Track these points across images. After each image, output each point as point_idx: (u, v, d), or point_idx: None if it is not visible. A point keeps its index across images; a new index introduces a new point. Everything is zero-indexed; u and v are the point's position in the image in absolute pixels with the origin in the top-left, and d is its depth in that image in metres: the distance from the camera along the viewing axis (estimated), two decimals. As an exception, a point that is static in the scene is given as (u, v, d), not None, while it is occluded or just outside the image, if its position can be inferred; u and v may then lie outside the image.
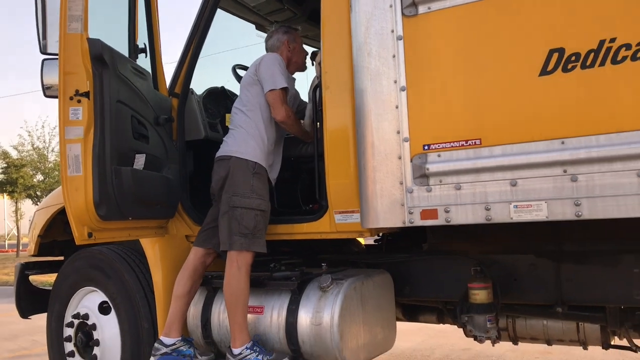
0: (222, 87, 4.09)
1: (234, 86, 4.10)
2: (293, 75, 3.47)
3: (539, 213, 2.27)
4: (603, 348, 3.15)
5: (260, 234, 3.03)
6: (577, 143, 2.20)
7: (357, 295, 2.95)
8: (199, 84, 3.81)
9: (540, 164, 2.26)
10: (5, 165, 23.68)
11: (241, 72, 3.85)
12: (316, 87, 3.20)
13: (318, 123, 3.21)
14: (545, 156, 2.25)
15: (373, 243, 4.12)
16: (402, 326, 3.38)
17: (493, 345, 3.17)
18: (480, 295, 2.91)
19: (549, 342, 3.27)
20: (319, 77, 3.15)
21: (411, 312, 3.70)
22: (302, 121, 3.41)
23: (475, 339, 3.01)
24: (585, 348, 3.21)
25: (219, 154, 3.12)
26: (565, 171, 2.22)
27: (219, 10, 3.73)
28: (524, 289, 3.03)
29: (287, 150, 3.48)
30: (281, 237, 3.22)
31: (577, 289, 2.91)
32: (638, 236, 2.68)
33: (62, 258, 4.21)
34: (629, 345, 3.09)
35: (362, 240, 4.15)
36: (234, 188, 2.99)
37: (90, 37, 2.67)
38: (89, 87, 2.60)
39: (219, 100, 3.99)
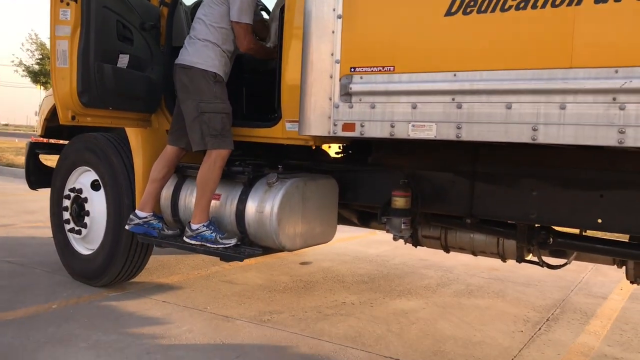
0: None
1: None
2: None
3: (430, 132, 2.73)
4: (517, 261, 3.63)
5: (228, 133, 3.53)
6: (465, 76, 2.62)
7: (298, 193, 3.49)
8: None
9: (436, 92, 2.70)
10: (40, 56, 24.38)
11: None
12: (282, 7, 3.59)
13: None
14: (440, 85, 2.68)
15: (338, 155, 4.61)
16: (376, 237, 3.89)
17: (405, 244, 3.70)
18: (399, 202, 3.41)
19: (474, 253, 3.78)
20: None
21: (364, 218, 4.24)
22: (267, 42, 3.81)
23: (394, 238, 3.55)
24: (503, 260, 3.72)
25: (180, 60, 3.51)
26: (453, 99, 2.65)
27: None
28: (442, 201, 3.51)
29: (258, 64, 3.93)
30: (242, 139, 3.73)
31: (484, 205, 3.38)
32: (537, 163, 3.13)
33: (67, 141, 4.81)
34: (538, 261, 3.57)
35: (330, 152, 4.63)
36: (200, 96, 3.44)
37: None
38: (77, -8, 3.06)
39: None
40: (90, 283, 4.24)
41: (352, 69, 2.94)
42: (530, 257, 3.60)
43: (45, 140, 5.00)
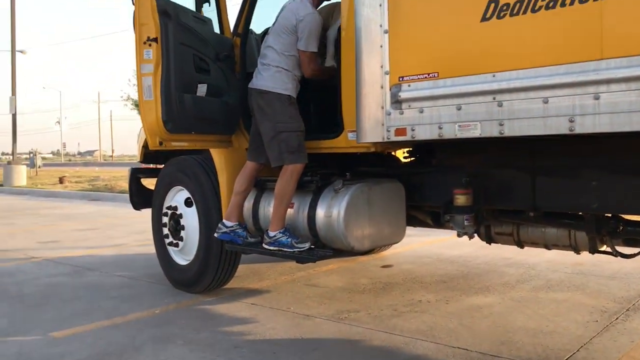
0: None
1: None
2: None
3: (475, 131, 2.90)
4: (590, 252, 3.67)
5: (303, 149, 3.90)
6: (503, 76, 2.77)
7: (363, 196, 3.75)
8: (259, 25, 4.62)
9: (477, 93, 2.87)
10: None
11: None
12: (339, 29, 3.89)
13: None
14: (481, 86, 2.85)
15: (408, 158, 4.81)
16: (460, 239, 4.07)
17: (470, 239, 3.83)
18: (460, 199, 3.57)
19: (547, 247, 3.85)
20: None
21: (438, 219, 4.41)
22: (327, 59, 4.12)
23: (458, 235, 3.71)
24: (577, 253, 3.75)
25: (256, 85, 3.89)
26: (494, 98, 2.81)
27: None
28: (504, 197, 3.63)
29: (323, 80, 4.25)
30: (311, 151, 4.04)
31: (546, 198, 3.47)
32: (594, 153, 3.20)
33: (162, 166, 5.36)
34: (611, 250, 3.59)
35: (400, 156, 4.84)
36: (276, 117, 3.81)
37: (157, -4, 3.57)
38: (157, 34, 3.53)
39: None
40: (189, 290, 4.70)
41: (401, 78, 3.17)
42: (604, 247, 3.62)
43: (144, 165, 5.59)
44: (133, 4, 3.78)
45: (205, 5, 4.25)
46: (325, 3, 4.21)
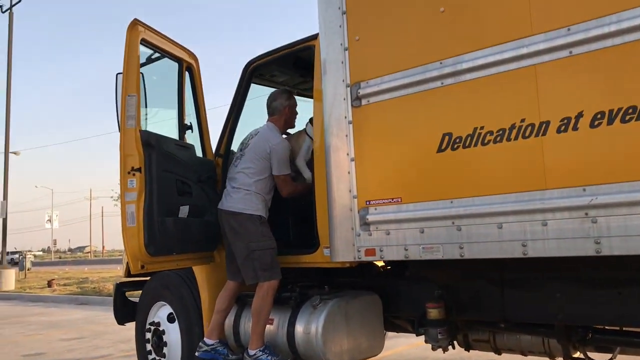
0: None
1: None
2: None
3: (438, 253, 3.09)
4: (564, 359, 3.76)
5: (276, 265, 4.04)
6: (460, 203, 3.00)
7: (340, 312, 3.86)
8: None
9: (438, 217, 3.08)
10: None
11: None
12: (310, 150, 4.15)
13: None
14: (440, 211, 3.06)
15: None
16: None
17: (444, 352, 3.91)
18: (433, 312, 3.69)
19: (523, 353, 3.94)
20: (308, 134, 4.31)
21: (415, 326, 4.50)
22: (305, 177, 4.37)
23: (432, 348, 3.80)
24: (552, 359, 3.84)
25: (227, 207, 4.11)
26: (453, 223, 3.02)
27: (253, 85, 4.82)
28: (476, 309, 3.76)
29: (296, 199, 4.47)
30: (290, 266, 4.19)
31: (515, 309, 3.60)
32: (556, 266, 3.36)
33: (148, 278, 5.46)
34: (584, 357, 3.68)
35: (379, 264, 4.98)
36: (249, 237, 3.99)
37: (141, 129, 3.84)
38: (141, 164, 3.76)
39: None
40: (172, 408, 4.67)
41: (367, 202, 3.38)
42: (577, 354, 3.71)
43: (129, 279, 5.68)
44: (120, 131, 4.04)
45: (189, 131, 4.52)
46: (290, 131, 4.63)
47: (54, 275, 23.50)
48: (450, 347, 3.94)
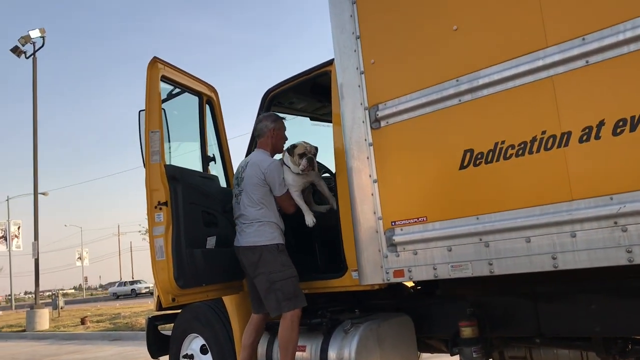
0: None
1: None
2: None
3: (467, 271, 3.06)
4: (606, 373, 3.67)
5: (299, 292, 3.97)
6: (486, 219, 2.98)
7: (372, 335, 3.83)
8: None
9: (464, 234, 3.06)
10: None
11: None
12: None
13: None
14: (467, 229, 3.05)
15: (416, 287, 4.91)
16: None
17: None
18: (466, 331, 3.64)
19: (561, 369, 3.86)
20: (286, 164, 4.12)
21: (450, 346, 4.44)
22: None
23: (468, 366, 3.74)
24: (592, 373, 3.76)
25: (243, 243, 4.03)
26: (480, 239, 3.00)
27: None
28: (510, 325, 3.70)
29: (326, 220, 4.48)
30: (319, 291, 4.19)
31: (550, 323, 3.54)
32: (591, 277, 3.31)
33: (179, 310, 5.49)
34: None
35: (409, 285, 4.95)
36: (269, 268, 3.92)
37: (166, 164, 3.91)
38: (167, 198, 3.82)
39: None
40: None
41: (393, 223, 3.38)
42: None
43: (161, 312, 5.72)
44: (145, 167, 4.12)
45: (212, 163, 4.59)
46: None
47: (86, 312, 23.72)
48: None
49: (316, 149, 4.14)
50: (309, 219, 4.06)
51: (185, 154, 4.45)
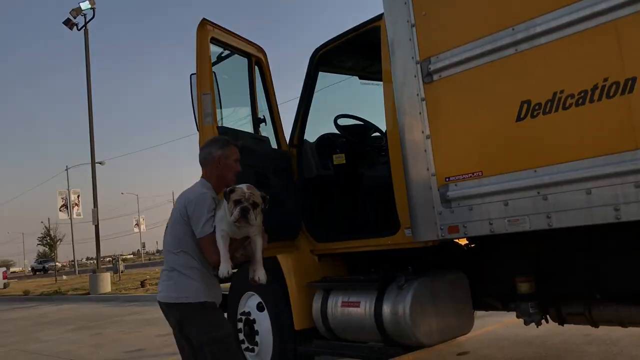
0: (329, 134, 5.17)
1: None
2: None
3: (525, 225, 3.00)
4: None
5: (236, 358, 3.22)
6: (544, 171, 2.90)
7: (427, 291, 3.84)
8: (312, 135, 4.95)
9: (522, 188, 2.99)
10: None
11: (342, 121, 4.93)
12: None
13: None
14: (524, 182, 2.98)
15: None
16: None
17: (537, 327, 3.79)
18: (523, 287, 3.61)
19: (622, 324, 3.78)
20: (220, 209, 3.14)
21: (506, 302, 4.41)
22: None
23: (525, 322, 3.70)
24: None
25: (166, 298, 3.15)
26: (538, 192, 2.93)
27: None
28: (568, 281, 3.63)
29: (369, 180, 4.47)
30: (371, 248, 4.20)
31: (610, 279, 3.45)
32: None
33: (236, 270, 5.62)
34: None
35: (462, 242, 4.91)
36: (198, 330, 3.09)
37: (218, 125, 3.95)
38: (220, 159, 3.87)
39: (327, 145, 5.08)
40: (265, 395, 4.80)
41: (447, 179, 3.34)
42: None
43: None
44: (198, 130, 4.18)
45: (262, 124, 4.62)
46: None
47: (145, 275, 24.60)
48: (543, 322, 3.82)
49: (264, 198, 3.20)
50: (224, 268, 3.01)
51: (236, 117, 4.49)
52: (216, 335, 3.09)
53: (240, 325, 5.06)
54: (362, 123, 5.15)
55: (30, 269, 55.03)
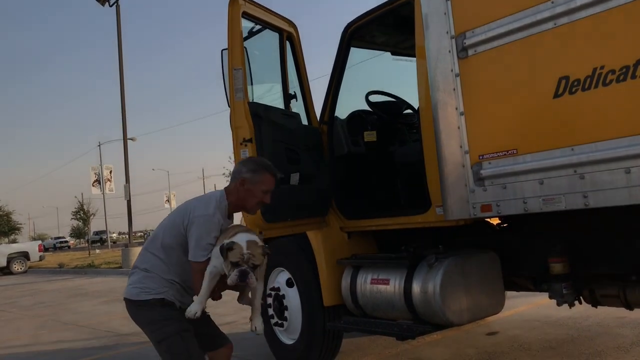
0: (360, 111, 5.12)
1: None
2: None
3: (559, 204, 2.94)
4: None
5: (196, 354, 2.95)
6: (582, 149, 2.82)
7: (458, 270, 3.80)
8: (343, 112, 4.91)
9: (558, 167, 2.92)
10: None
11: (373, 98, 4.88)
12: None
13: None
14: (561, 160, 2.91)
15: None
16: None
17: (570, 307, 3.74)
18: (556, 267, 3.54)
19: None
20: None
21: (538, 283, 4.35)
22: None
23: (558, 304, 3.65)
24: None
25: (125, 294, 3.04)
26: (575, 171, 2.86)
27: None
28: (603, 261, 3.56)
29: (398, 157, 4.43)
30: (401, 226, 4.18)
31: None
32: None
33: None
34: None
35: (494, 221, 4.84)
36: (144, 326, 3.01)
37: (249, 101, 3.94)
38: (251, 135, 3.88)
39: (358, 122, 5.04)
40: (296, 369, 4.86)
41: (481, 157, 3.28)
42: None
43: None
44: (229, 106, 4.18)
45: (293, 100, 4.60)
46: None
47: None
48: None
49: (265, 255, 2.83)
50: (194, 308, 2.83)
51: (267, 92, 4.48)
52: (168, 329, 2.92)
53: (269, 300, 5.11)
54: (394, 100, 5.10)
55: (85, 240, 56.76)
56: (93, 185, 40.71)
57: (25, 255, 25.98)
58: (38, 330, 8.78)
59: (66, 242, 74.93)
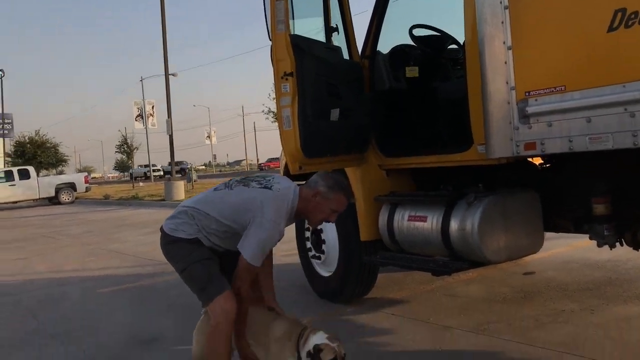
0: (402, 46, 4.99)
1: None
2: None
3: (607, 143, 2.85)
4: None
5: (216, 277, 2.91)
6: (634, 86, 2.71)
7: (497, 208, 3.78)
8: (385, 46, 4.80)
9: (607, 104, 2.82)
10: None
11: (417, 32, 4.75)
12: None
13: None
14: (611, 98, 2.80)
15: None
16: None
17: (611, 249, 3.69)
18: (599, 208, 3.48)
19: None
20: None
21: (579, 225, 4.30)
22: None
23: (598, 245, 3.61)
24: None
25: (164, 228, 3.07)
26: (625, 109, 2.75)
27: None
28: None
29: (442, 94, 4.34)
30: (442, 164, 4.14)
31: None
32: None
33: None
34: None
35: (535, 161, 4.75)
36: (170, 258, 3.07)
37: (291, 33, 3.89)
38: (292, 68, 3.84)
39: (401, 57, 4.92)
40: (333, 300, 4.99)
41: (527, 93, 3.19)
42: None
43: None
44: (270, 39, 4.14)
45: (334, 34, 4.51)
46: None
47: (216, 185, 25.48)
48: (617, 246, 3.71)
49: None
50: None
51: (308, 26, 4.39)
52: (191, 258, 2.96)
53: (307, 233, 5.21)
54: (438, 34, 4.95)
55: (129, 174, 57.69)
56: (136, 120, 41.38)
57: (72, 186, 26.90)
58: (86, 257, 9.20)
59: (159, 170, 67.40)
